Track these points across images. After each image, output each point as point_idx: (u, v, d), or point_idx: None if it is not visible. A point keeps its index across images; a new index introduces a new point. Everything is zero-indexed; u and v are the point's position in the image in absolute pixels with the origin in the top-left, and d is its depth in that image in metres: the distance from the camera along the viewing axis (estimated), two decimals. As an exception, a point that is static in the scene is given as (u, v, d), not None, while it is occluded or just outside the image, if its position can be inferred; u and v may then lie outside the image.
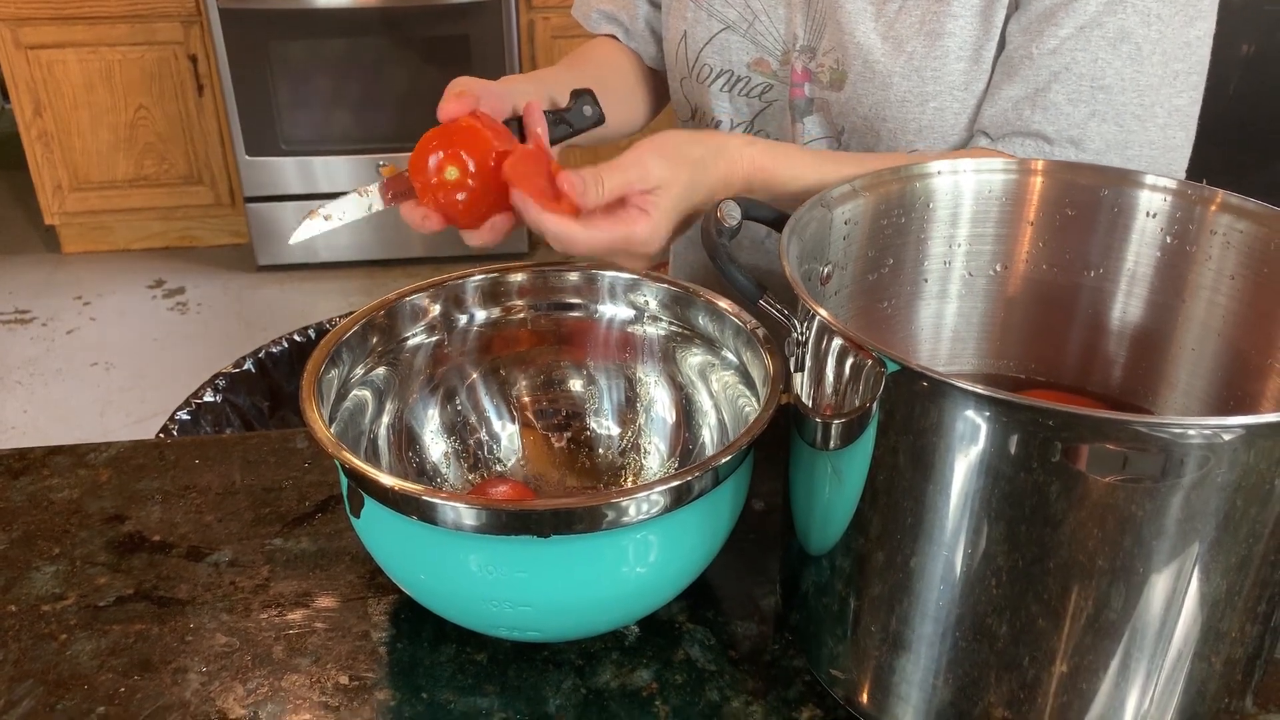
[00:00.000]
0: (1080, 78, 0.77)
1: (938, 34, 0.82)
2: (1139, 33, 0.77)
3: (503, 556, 0.58)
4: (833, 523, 0.58)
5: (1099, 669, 0.53)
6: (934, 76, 0.83)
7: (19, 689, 0.63)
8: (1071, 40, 0.77)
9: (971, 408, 0.49)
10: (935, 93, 0.83)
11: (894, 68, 0.83)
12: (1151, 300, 0.67)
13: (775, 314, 0.59)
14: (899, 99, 0.84)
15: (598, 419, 0.79)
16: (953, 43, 0.82)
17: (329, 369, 0.67)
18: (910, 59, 0.83)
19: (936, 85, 0.83)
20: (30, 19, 2.70)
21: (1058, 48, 0.78)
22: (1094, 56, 0.77)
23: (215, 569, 0.72)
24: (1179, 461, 0.47)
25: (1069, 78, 0.78)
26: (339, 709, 0.62)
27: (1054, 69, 0.78)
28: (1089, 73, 0.77)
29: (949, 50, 0.82)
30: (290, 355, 1.24)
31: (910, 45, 0.83)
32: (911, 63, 0.83)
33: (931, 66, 0.82)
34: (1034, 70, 0.78)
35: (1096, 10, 0.77)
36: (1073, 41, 0.77)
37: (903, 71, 0.83)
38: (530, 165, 0.70)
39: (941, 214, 0.68)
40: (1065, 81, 0.78)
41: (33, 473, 0.81)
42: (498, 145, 0.70)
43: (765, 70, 0.93)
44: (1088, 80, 0.77)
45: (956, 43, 0.82)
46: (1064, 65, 0.77)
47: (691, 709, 0.62)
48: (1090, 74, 0.77)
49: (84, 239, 3.10)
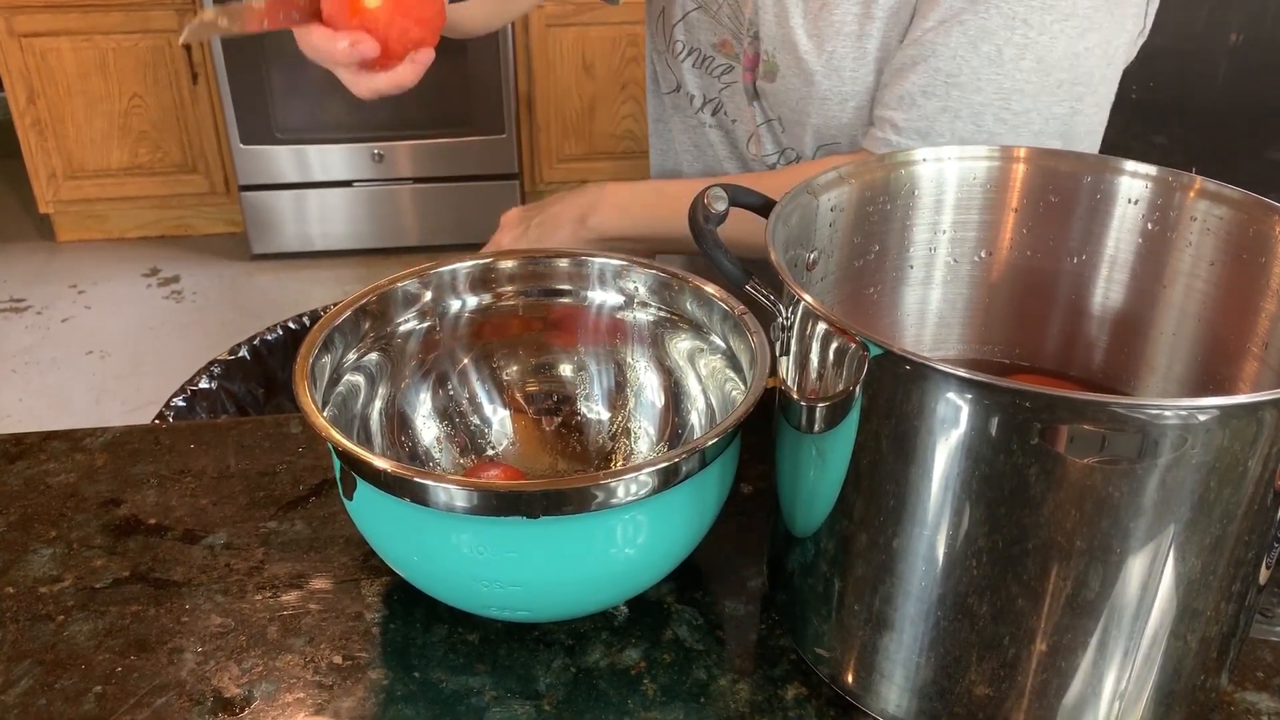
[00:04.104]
0: (935, 71, 0.77)
1: (856, 35, 0.82)
2: (1001, 34, 0.76)
3: (493, 537, 0.59)
4: (817, 505, 0.59)
5: (1077, 648, 0.54)
6: (852, 77, 0.83)
7: (17, 669, 0.64)
8: (932, 33, 0.77)
9: (952, 390, 0.50)
10: (854, 93, 0.83)
11: (816, 65, 0.84)
12: (1133, 286, 0.68)
13: (761, 299, 0.60)
14: (821, 96, 0.85)
15: (588, 404, 0.80)
16: (870, 44, 0.82)
17: (321, 354, 0.67)
18: (830, 58, 0.83)
19: (855, 86, 0.83)
20: (24, 7, 2.70)
21: (919, 38, 0.78)
22: (953, 52, 0.77)
23: (210, 551, 0.73)
24: (1154, 443, 0.48)
25: (925, 69, 0.78)
26: (332, 688, 0.63)
27: (913, 58, 0.78)
28: (945, 68, 0.77)
29: (866, 52, 0.82)
30: (285, 342, 1.25)
31: (830, 45, 0.83)
32: (831, 62, 0.83)
33: (850, 67, 0.83)
34: (898, 59, 0.79)
35: (960, 6, 0.76)
36: (933, 34, 0.77)
37: (824, 70, 0.84)
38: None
39: (926, 201, 0.69)
40: (920, 73, 0.78)
41: (29, 457, 0.82)
42: None
43: (728, 52, 0.94)
44: (943, 75, 0.77)
45: (873, 44, 0.82)
46: (922, 56, 0.78)
47: (679, 687, 0.63)
48: (947, 69, 0.77)
49: (79, 227, 3.11)
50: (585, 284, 0.77)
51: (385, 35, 0.68)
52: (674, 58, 0.98)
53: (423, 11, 0.68)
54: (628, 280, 0.77)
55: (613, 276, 0.77)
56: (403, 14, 0.67)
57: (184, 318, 2.79)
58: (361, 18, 0.67)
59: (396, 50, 0.69)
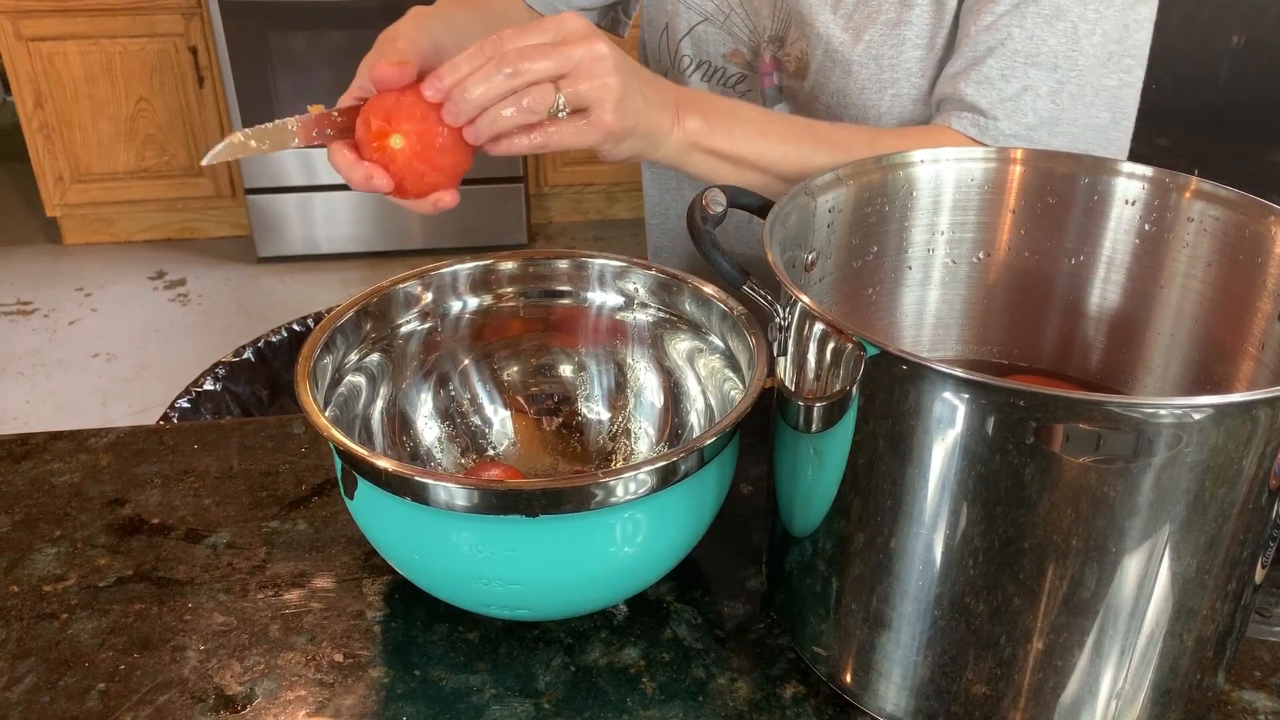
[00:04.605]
0: (1014, 54, 0.79)
1: (894, 23, 0.84)
2: (1075, 10, 0.78)
3: (493, 536, 0.59)
4: (815, 504, 0.60)
5: (1074, 646, 0.54)
6: (891, 64, 0.84)
7: (21, 666, 0.65)
8: (1007, 16, 0.79)
9: (948, 390, 0.50)
10: (893, 80, 0.84)
11: (853, 55, 0.85)
12: (1130, 286, 0.68)
13: (759, 299, 0.61)
14: (859, 86, 0.86)
15: (588, 404, 0.80)
16: (909, 31, 0.83)
17: (323, 355, 0.68)
18: (869, 47, 0.84)
19: (894, 73, 0.84)
20: (31, 11, 2.71)
21: (993, 24, 0.79)
22: (1029, 33, 0.78)
23: (213, 551, 0.74)
24: (1149, 442, 0.48)
25: (1003, 53, 0.79)
26: (333, 685, 0.64)
27: (990, 44, 0.79)
28: (1024, 49, 0.78)
29: (905, 38, 0.83)
30: (289, 344, 1.26)
31: (868, 34, 0.84)
32: (870, 50, 0.84)
33: (889, 54, 0.84)
34: (972, 46, 0.80)
35: None
36: (1009, 17, 0.79)
37: (861, 59, 0.85)
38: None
39: (924, 202, 0.69)
40: (1000, 56, 0.79)
41: (34, 457, 0.82)
42: (444, 122, 0.69)
43: (739, 60, 0.94)
44: (1021, 57, 0.79)
45: (913, 31, 0.83)
46: (999, 40, 0.79)
47: (678, 685, 0.64)
48: (1025, 50, 0.78)
49: (85, 231, 3.12)
50: (585, 285, 0.78)
51: (401, 175, 0.69)
52: (680, 73, 0.99)
53: (444, 160, 0.68)
54: (627, 281, 0.77)
55: (613, 277, 0.77)
56: (422, 160, 0.68)
57: (190, 320, 2.79)
58: (382, 154, 0.68)
59: (412, 191, 0.70)
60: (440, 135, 0.68)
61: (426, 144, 0.68)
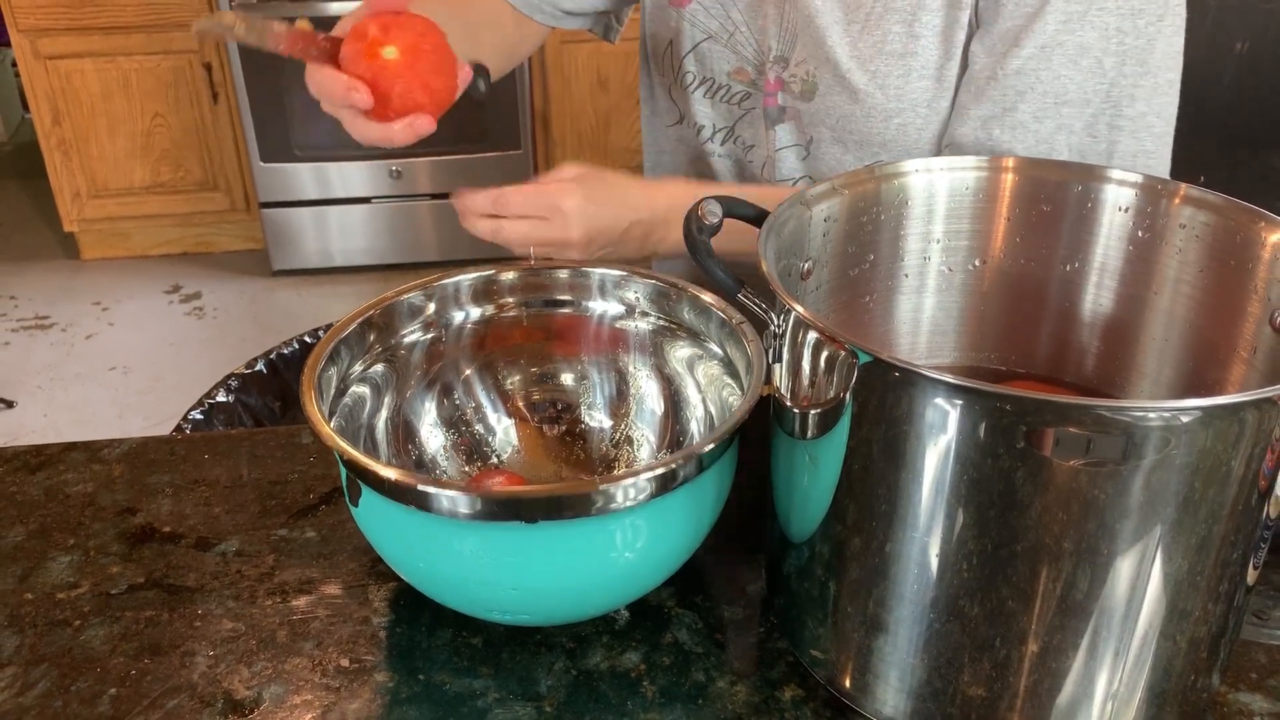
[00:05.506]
0: (1044, 96, 0.80)
1: (900, 53, 0.84)
2: (1098, 46, 0.79)
3: (495, 543, 0.60)
4: (811, 510, 0.60)
5: (1068, 648, 0.55)
6: (898, 94, 0.85)
7: (35, 672, 0.66)
8: (1034, 60, 0.80)
9: (940, 396, 0.51)
10: (899, 109, 0.85)
11: (860, 83, 0.86)
12: (1123, 292, 0.69)
13: (753, 308, 0.62)
14: (864, 113, 0.86)
15: (590, 412, 0.81)
16: (915, 62, 0.84)
17: (328, 366, 0.69)
18: (875, 76, 0.85)
19: (900, 103, 0.85)
20: (49, 30, 2.75)
21: (1021, 68, 0.80)
22: (1055, 74, 0.79)
23: (223, 558, 0.75)
24: (1138, 445, 0.49)
25: (1033, 98, 0.80)
26: (339, 690, 0.65)
27: (1019, 89, 0.80)
28: (1053, 90, 0.80)
29: (912, 69, 0.84)
30: (301, 356, 1.27)
31: (875, 63, 0.85)
32: (876, 80, 0.85)
33: (895, 84, 0.85)
34: (1000, 91, 0.81)
35: (1055, 29, 0.79)
36: (1035, 61, 0.80)
37: (867, 88, 0.86)
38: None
39: (918, 211, 0.70)
40: (1030, 101, 0.80)
41: (49, 468, 0.84)
42: (439, 44, 0.70)
43: (744, 79, 0.95)
44: (1051, 98, 0.80)
45: (919, 62, 0.84)
46: (1029, 85, 0.80)
47: (678, 689, 0.64)
48: (1054, 91, 0.80)
49: (102, 245, 3.15)
50: (586, 294, 0.79)
51: (390, 88, 0.70)
52: (682, 89, 0.99)
53: (434, 80, 0.70)
54: (628, 290, 0.78)
55: (613, 286, 0.78)
56: (414, 75, 0.69)
57: (205, 333, 2.82)
58: (371, 65, 0.69)
59: (397, 106, 0.71)
60: (433, 55, 0.69)
61: (420, 58, 0.69)
